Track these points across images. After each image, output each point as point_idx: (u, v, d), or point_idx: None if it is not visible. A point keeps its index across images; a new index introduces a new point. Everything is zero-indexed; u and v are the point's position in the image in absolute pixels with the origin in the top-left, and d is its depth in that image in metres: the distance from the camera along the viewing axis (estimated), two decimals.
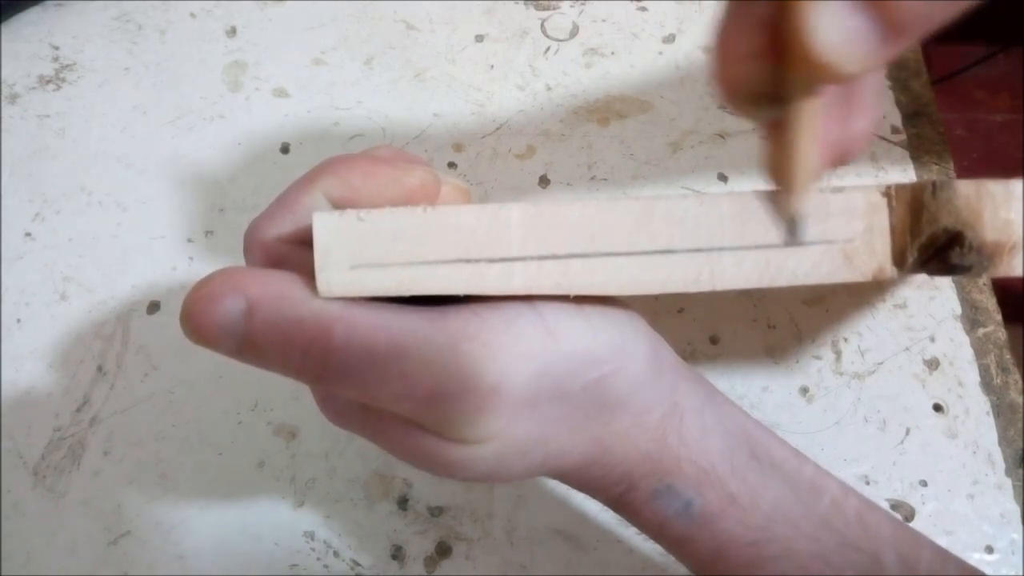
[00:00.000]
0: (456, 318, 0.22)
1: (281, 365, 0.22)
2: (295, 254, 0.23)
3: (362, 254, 0.22)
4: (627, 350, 0.23)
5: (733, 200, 0.22)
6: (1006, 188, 0.22)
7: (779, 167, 0.22)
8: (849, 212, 0.22)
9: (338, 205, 0.23)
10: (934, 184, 0.22)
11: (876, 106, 0.23)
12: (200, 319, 0.21)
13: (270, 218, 0.24)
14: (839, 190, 0.22)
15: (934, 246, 0.22)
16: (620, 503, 0.25)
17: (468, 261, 0.22)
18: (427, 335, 0.21)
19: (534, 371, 0.22)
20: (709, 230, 0.22)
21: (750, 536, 0.24)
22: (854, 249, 0.22)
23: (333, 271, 0.22)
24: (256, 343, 0.22)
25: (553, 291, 0.22)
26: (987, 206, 0.22)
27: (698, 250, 0.22)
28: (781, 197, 0.22)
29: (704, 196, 0.22)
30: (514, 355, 0.21)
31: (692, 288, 0.22)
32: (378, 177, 0.24)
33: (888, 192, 0.23)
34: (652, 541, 0.26)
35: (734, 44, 0.21)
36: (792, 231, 0.22)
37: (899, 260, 0.23)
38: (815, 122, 0.21)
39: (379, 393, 0.22)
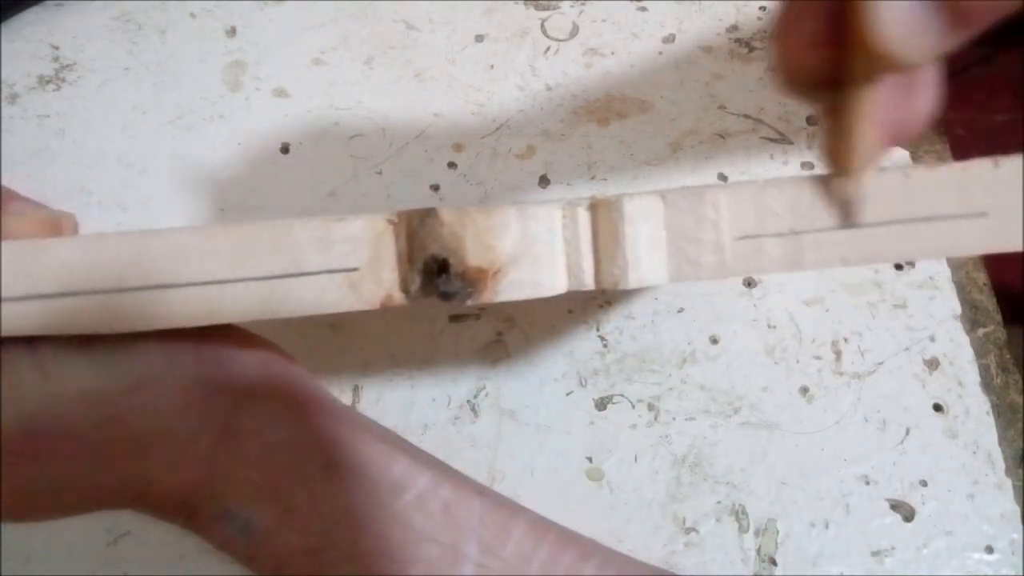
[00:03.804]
0: None
1: None
2: None
3: None
4: (152, 384, 0.23)
5: (232, 231, 0.22)
6: (487, 215, 0.22)
7: (836, 151, 0.22)
8: (353, 241, 0.22)
9: None
10: (421, 212, 0.22)
11: (937, 84, 0.23)
12: None
13: None
14: (341, 219, 0.22)
15: (430, 273, 0.22)
16: (190, 528, 0.25)
17: None
18: None
19: (24, 414, 0.22)
20: (207, 263, 0.22)
21: (310, 544, 0.24)
22: (360, 277, 0.22)
23: None
24: None
25: (40, 332, 0.21)
26: (469, 233, 0.22)
27: (195, 283, 0.22)
28: (837, 181, 0.22)
29: (200, 229, 0.22)
30: None
31: (192, 323, 0.22)
32: None
33: (392, 219, 0.22)
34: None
35: (795, 31, 0.21)
36: (848, 214, 0.22)
37: (406, 287, 0.22)
38: (873, 107, 0.21)
39: None
